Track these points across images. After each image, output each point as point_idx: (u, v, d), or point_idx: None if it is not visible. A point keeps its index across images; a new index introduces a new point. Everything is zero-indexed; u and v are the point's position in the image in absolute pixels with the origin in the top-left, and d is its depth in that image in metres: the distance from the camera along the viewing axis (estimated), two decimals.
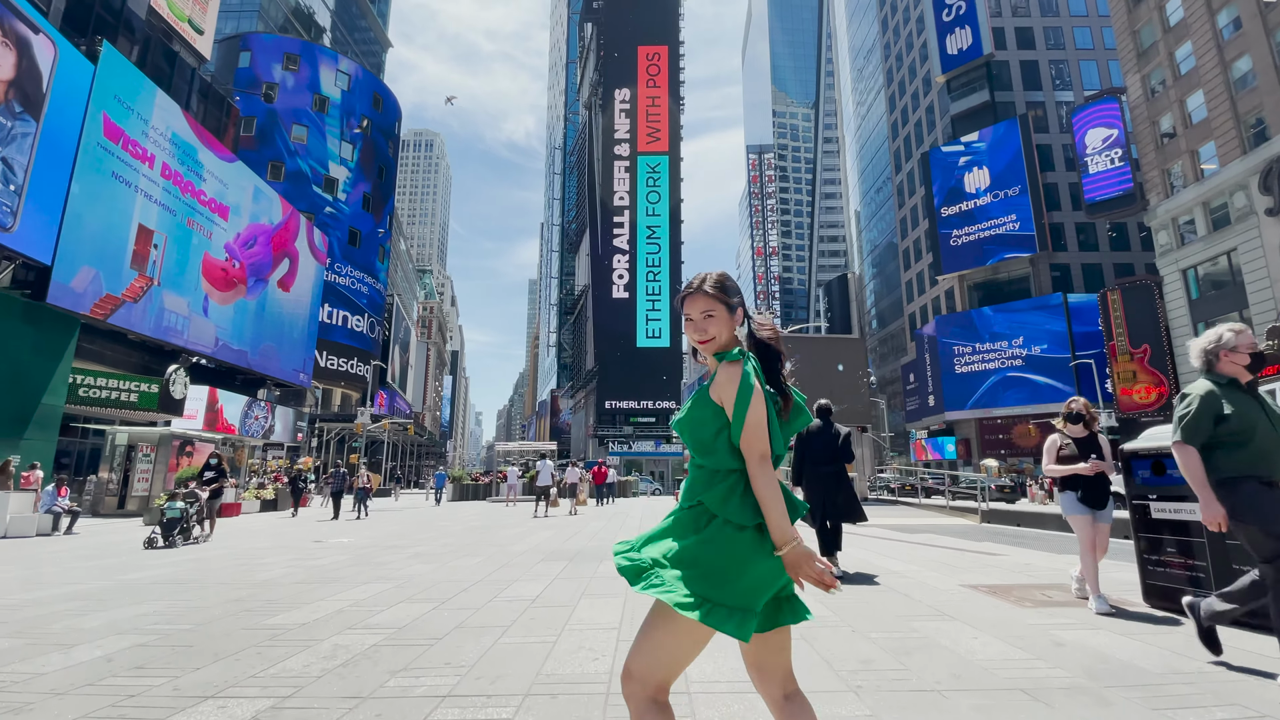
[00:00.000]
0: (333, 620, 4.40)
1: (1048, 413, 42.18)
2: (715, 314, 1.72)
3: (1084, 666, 3.10)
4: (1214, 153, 31.18)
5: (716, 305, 1.72)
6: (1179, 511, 4.14)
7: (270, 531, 12.47)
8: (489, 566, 7.09)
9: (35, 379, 19.95)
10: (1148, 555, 4.38)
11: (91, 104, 21.84)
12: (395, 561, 7.63)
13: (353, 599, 5.21)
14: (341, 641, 3.80)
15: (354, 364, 51.20)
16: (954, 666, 3.13)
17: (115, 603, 5.23)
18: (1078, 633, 3.73)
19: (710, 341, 1.72)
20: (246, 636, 3.98)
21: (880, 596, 5.02)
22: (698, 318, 1.73)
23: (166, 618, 4.61)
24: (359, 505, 17.58)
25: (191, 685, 3.06)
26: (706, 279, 1.75)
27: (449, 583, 5.97)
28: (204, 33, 35.10)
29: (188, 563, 7.85)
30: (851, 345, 20.41)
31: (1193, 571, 4.06)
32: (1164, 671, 3.01)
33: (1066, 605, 4.52)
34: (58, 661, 3.50)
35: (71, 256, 20.96)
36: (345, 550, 8.99)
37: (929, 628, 3.91)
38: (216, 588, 5.88)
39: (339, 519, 16.34)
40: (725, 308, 1.73)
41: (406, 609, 4.76)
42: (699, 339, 1.73)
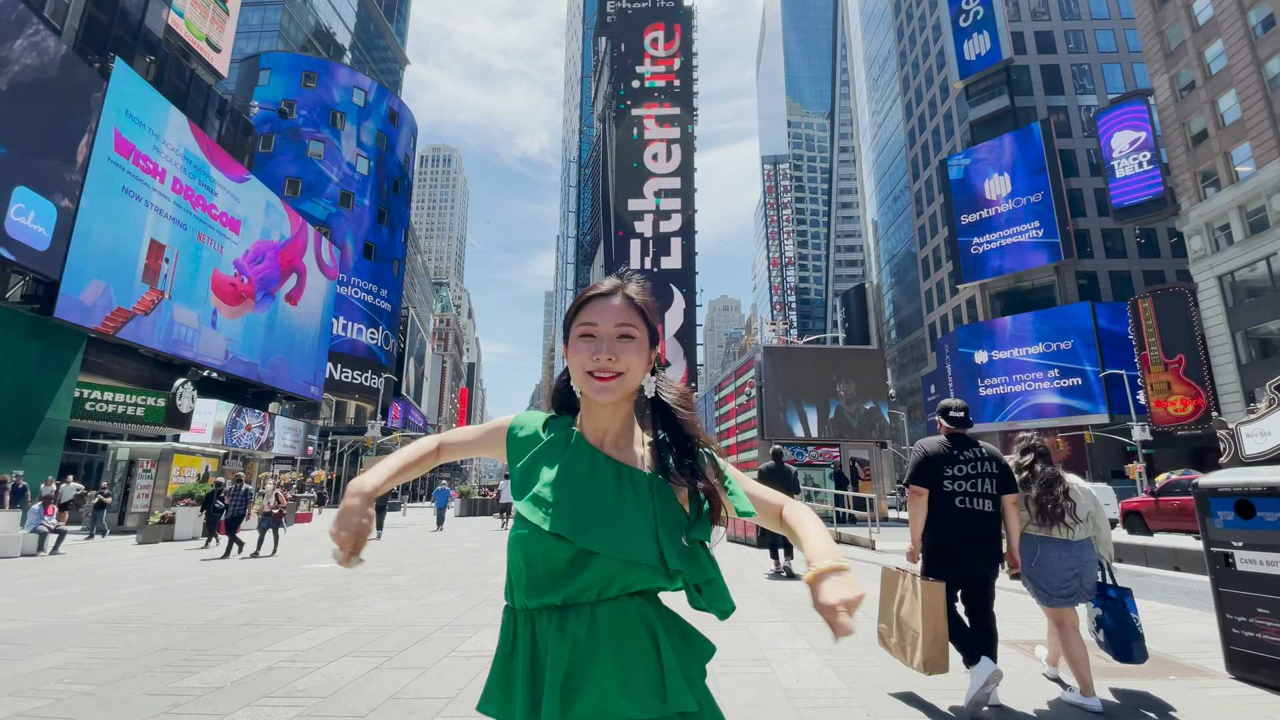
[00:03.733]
0: (255, 682, 3.77)
1: (1076, 425, 40.71)
2: (635, 337, 1.11)
3: None
4: (1249, 154, 29.89)
5: (640, 325, 1.12)
6: (1275, 564, 3.36)
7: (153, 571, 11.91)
8: (463, 605, 6.42)
9: (39, 394, 19.85)
10: (1234, 617, 3.58)
11: (102, 120, 21.93)
12: (364, 596, 7.00)
13: (294, 649, 4.57)
14: (245, 717, 3.16)
15: (367, 376, 51.21)
16: None
17: (39, 648, 4.67)
18: (1145, 715, 2.96)
19: (619, 378, 1.09)
20: (144, 705, 3.36)
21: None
22: (608, 332, 1.09)
23: (75, 674, 4.01)
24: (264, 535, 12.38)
25: None
26: (633, 280, 1.16)
27: (410, 628, 5.31)
28: (221, 51, 35.53)
29: (148, 593, 7.30)
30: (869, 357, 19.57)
31: None
32: None
33: (1129, 674, 3.73)
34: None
35: (80, 270, 20.94)
36: (320, 579, 8.39)
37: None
38: (155, 630, 5.29)
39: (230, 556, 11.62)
40: (648, 334, 1.13)
41: (346, 666, 4.11)
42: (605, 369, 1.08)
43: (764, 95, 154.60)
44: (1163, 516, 14.37)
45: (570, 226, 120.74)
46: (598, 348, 1.08)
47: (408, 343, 62.86)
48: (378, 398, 50.74)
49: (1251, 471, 3.55)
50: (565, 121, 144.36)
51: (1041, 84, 50.14)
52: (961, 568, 3.34)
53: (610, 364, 1.07)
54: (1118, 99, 41.41)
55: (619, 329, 1.09)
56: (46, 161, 19.72)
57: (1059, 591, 3.42)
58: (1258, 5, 29.55)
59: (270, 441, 32.53)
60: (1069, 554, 3.42)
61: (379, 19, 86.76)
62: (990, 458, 3.45)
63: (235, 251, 29.91)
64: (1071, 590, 3.40)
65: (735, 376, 17.90)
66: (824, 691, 3.50)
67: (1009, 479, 3.45)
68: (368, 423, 42.81)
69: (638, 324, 1.11)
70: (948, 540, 3.36)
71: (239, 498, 12.45)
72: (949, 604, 3.26)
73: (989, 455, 3.46)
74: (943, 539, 3.38)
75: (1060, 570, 3.41)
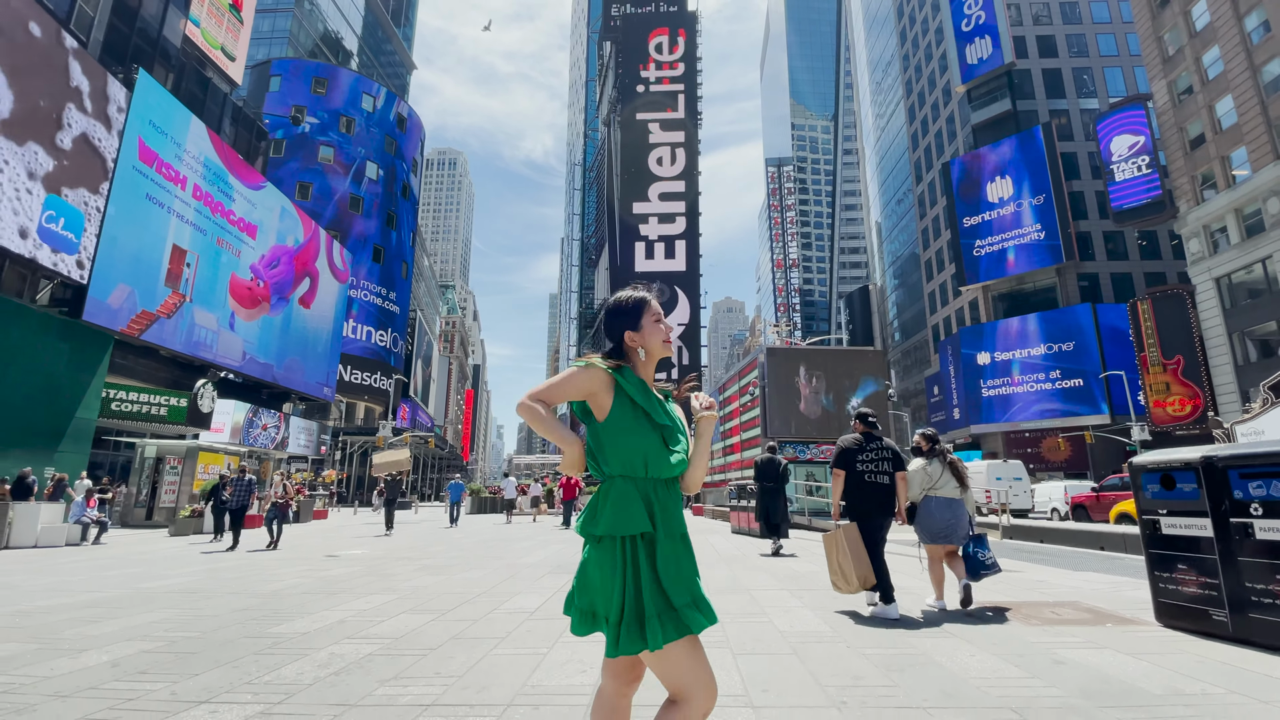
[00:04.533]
0: (333, 630, 4.47)
1: (1077, 426, 41.16)
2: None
3: (1080, 686, 3.00)
4: (1245, 158, 30.37)
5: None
6: (1191, 526, 4.01)
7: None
8: (494, 578, 7.12)
9: (70, 394, 20.65)
10: (1159, 573, 4.23)
11: (127, 129, 22.75)
12: (404, 573, 7.71)
13: (356, 609, 5.27)
14: (337, 651, 3.86)
15: (376, 378, 52.02)
16: (945, 684, 3.06)
17: (130, 610, 5.37)
18: (1081, 652, 3.62)
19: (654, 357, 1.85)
20: (248, 644, 4.06)
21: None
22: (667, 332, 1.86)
23: (175, 625, 4.72)
24: (272, 528, 11.99)
25: (188, 690, 3.13)
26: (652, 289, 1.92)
27: (452, 594, 6.01)
28: (236, 59, 36.36)
29: (202, 573, 8.02)
30: (871, 357, 20.15)
31: (1207, 591, 3.92)
32: (1165, 693, 2.91)
33: (1075, 624, 4.39)
34: (65, 666, 3.61)
35: (107, 275, 21.75)
36: (357, 562, 9.10)
37: (927, 644, 3.83)
38: (226, 597, 6.00)
39: (239, 547, 11.71)
40: None
41: (406, 620, 4.80)
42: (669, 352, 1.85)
43: (768, 97, 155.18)
44: (1102, 508, 16.59)
45: (575, 229, 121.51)
46: (668, 332, 1.85)
47: (415, 345, 63.68)
48: (387, 399, 51.54)
49: (1172, 451, 4.20)
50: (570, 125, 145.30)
51: (1043, 88, 50.63)
52: (868, 519, 4.96)
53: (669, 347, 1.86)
54: (1117, 103, 41.91)
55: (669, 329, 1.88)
56: (75, 170, 20.53)
57: (938, 535, 5.11)
58: (1254, 11, 30.05)
59: (285, 441, 33.31)
60: (949, 509, 5.12)
61: (386, 24, 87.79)
62: (888, 448, 5.10)
63: (252, 256, 30.73)
64: (948, 534, 5.07)
65: (739, 377, 18.50)
66: (812, 633, 4.17)
67: (900, 462, 5.07)
68: (379, 423, 43.58)
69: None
70: (859, 502, 5.01)
71: (242, 488, 12.10)
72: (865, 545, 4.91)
73: (887, 447, 5.10)
74: (856, 502, 5.02)
75: (941, 520, 5.09)
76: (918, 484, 5.29)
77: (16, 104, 18.35)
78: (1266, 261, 29.28)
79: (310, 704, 2.90)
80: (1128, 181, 39.16)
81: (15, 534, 12.33)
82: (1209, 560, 3.89)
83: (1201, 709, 2.71)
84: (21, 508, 12.54)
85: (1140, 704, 2.77)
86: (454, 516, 19.24)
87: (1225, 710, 2.69)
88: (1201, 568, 3.95)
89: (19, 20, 18.61)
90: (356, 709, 2.82)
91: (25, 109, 18.64)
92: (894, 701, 2.81)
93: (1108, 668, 3.30)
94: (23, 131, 18.59)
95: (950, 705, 2.76)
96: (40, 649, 4.02)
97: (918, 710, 2.70)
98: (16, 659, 3.77)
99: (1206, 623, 3.90)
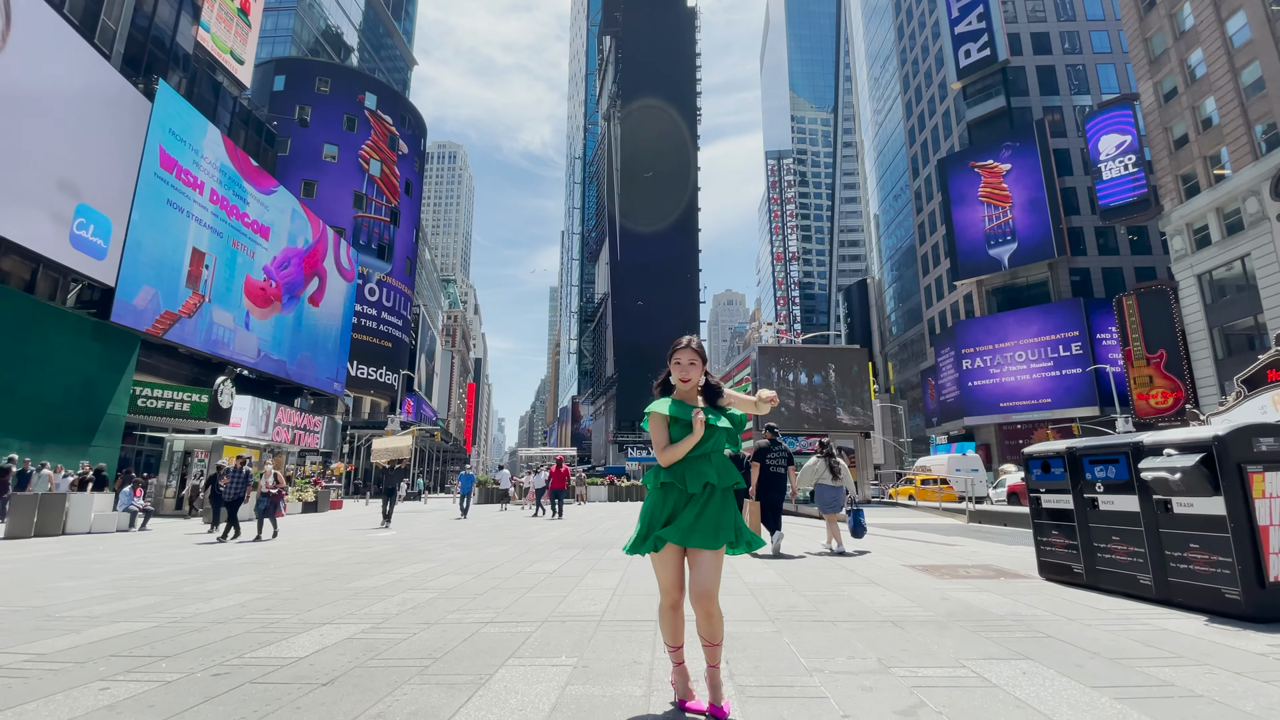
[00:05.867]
0: (396, 585, 5.68)
1: (1066, 417, 42.40)
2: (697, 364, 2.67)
3: (948, 611, 4.21)
4: (1227, 158, 31.38)
5: (699, 359, 2.67)
6: (1060, 501, 5.20)
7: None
8: (515, 551, 8.36)
9: (102, 392, 21.89)
10: (1040, 538, 5.44)
11: (149, 138, 23.86)
12: (435, 549, 8.94)
13: (408, 573, 6.49)
14: (408, 597, 5.07)
15: (383, 372, 53.27)
16: (853, 610, 4.27)
17: (222, 575, 6.59)
18: (965, 594, 4.83)
19: (690, 381, 2.64)
20: (335, 592, 5.27)
21: (828, 570, 6.15)
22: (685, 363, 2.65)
23: (267, 584, 5.93)
24: (262, 520, 11.67)
25: (310, 618, 4.34)
26: (693, 340, 2.72)
27: (482, 562, 7.24)
28: (244, 62, 37.34)
29: (259, 549, 9.25)
30: (856, 355, 21.32)
31: (1070, 550, 5.11)
32: (1004, 615, 4.11)
33: (976, 578, 5.59)
34: (205, 607, 4.82)
35: (133, 278, 22.94)
36: (390, 541, 10.33)
37: (853, 590, 5.05)
38: (293, 566, 7.22)
39: (228, 540, 11.10)
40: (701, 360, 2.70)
41: (452, 579, 6.02)
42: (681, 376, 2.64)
43: (768, 89, 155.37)
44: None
45: (575, 223, 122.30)
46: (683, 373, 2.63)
47: (419, 339, 64.88)
48: (392, 393, 52.80)
49: (1049, 443, 5.38)
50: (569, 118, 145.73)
51: (1037, 84, 51.46)
52: (769, 498, 7.83)
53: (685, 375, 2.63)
54: (1106, 103, 42.84)
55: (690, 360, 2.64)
56: (103, 179, 21.67)
57: (827, 507, 8.30)
58: (1235, 14, 30.95)
59: (299, 435, 34.58)
60: (832, 492, 8.35)
61: (386, 19, 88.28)
62: (784, 451, 8.03)
63: (265, 257, 31.89)
64: (833, 507, 8.28)
65: (733, 374, 19.69)
66: (769, 584, 5.39)
67: (791, 460, 8.04)
68: (387, 417, 44.85)
69: (699, 359, 2.64)
70: (765, 487, 7.83)
71: (239, 479, 11.92)
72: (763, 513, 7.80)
73: (784, 450, 8.02)
74: (764, 484, 7.82)
75: (828, 498, 8.33)
76: (812, 475, 8.35)
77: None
78: (1245, 259, 30.36)
79: (404, 625, 4.11)
80: (1114, 180, 40.17)
81: (71, 521, 13.58)
82: (1071, 526, 5.09)
83: (1025, 623, 3.91)
84: (77, 498, 13.78)
85: (981, 620, 3.97)
86: (464, 508, 18.63)
87: (1040, 624, 3.88)
88: (1067, 533, 5.14)
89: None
90: (438, 625, 4.03)
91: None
92: (811, 618, 4.02)
93: (976, 601, 4.51)
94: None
95: (849, 619, 3.97)
96: (174, 599, 5.23)
97: (827, 623, 3.90)
98: (162, 605, 4.98)
99: (1070, 575, 5.10)
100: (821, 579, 5.60)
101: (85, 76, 21.17)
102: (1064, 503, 5.14)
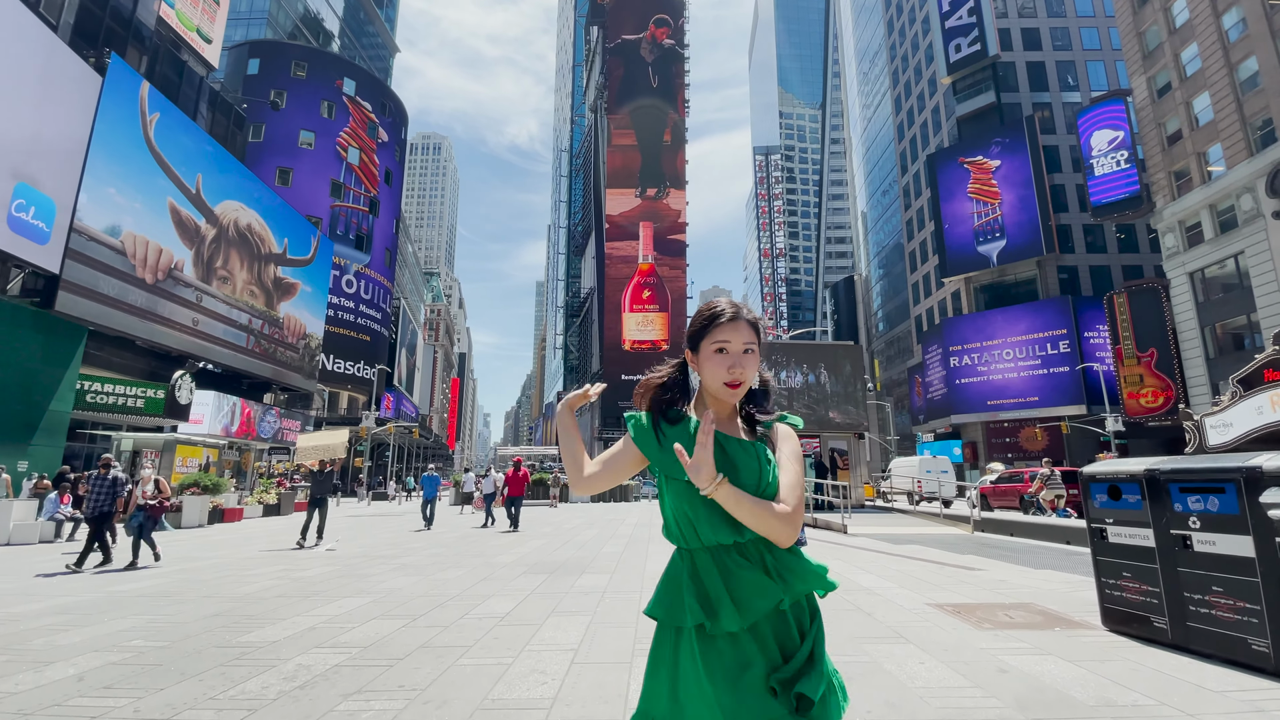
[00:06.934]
0: (303, 638, 4.52)
1: (1053, 416, 41.98)
2: (754, 351, 1.42)
3: (1017, 696, 3.15)
4: (1220, 155, 30.88)
5: (757, 341, 1.43)
6: (1135, 537, 4.17)
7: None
8: (471, 579, 7.20)
9: (43, 386, 20.28)
10: (1105, 579, 4.41)
11: (99, 115, 22.21)
12: (379, 573, 7.75)
13: (329, 615, 5.32)
14: (305, 661, 3.91)
15: (360, 367, 51.62)
16: (891, 694, 3.19)
17: (99, 618, 5.37)
18: (1024, 659, 3.78)
19: (743, 385, 1.40)
20: (215, 655, 4.10)
21: (840, 614, 5.08)
22: (737, 349, 1.39)
23: (145, 634, 4.74)
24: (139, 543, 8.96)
25: (151, 707, 3.17)
26: (747, 308, 1.46)
27: (426, 597, 6.08)
28: (212, 41, 35.54)
29: (175, 574, 8.01)
30: (850, 352, 20.39)
31: (1149, 598, 4.09)
32: (1096, 704, 3.06)
33: (1025, 627, 4.56)
34: (29, 681, 3.63)
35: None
36: (331, 562, 9.12)
37: (879, 651, 3.97)
38: (196, 602, 6.01)
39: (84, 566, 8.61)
40: (759, 347, 1.44)
41: (378, 626, 4.86)
42: (735, 378, 1.38)
43: (756, 85, 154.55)
44: (996, 497, 20.91)
45: (562, 216, 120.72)
46: (733, 362, 1.37)
47: (399, 333, 63.18)
48: (370, 388, 51.19)
49: (1119, 462, 4.36)
50: (556, 110, 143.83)
51: (1027, 80, 50.99)
52: None
53: (740, 375, 1.38)
54: (1098, 98, 42.35)
55: (745, 344, 1.38)
56: (45, 158, 20.05)
57: None
58: (1232, 8, 30.41)
59: (281, 432, 33.15)
60: None
61: (368, 5, 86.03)
62: None
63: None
64: None
65: None
66: None
67: None
68: (362, 413, 43.32)
69: (755, 342, 1.40)
70: None
71: (104, 488, 8.82)
72: None
73: None
74: None
75: None
76: None
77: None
78: (1239, 257, 29.89)
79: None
80: (1106, 176, 39.69)
81: None
82: (1152, 569, 4.05)
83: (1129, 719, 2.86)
84: None
85: (1071, 714, 2.91)
86: (429, 516, 15.19)
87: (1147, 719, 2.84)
88: (1145, 576, 4.11)
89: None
90: None
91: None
92: None
93: (1045, 676, 3.45)
94: None
95: (892, 718, 2.89)
96: (6, 662, 4.02)
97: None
98: None
99: (1147, 629, 4.07)
100: (836, 632, 4.53)
101: (24, 45, 19.51)
102: (1141, 539, 4.11)
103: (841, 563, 8.18)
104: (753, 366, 1.40)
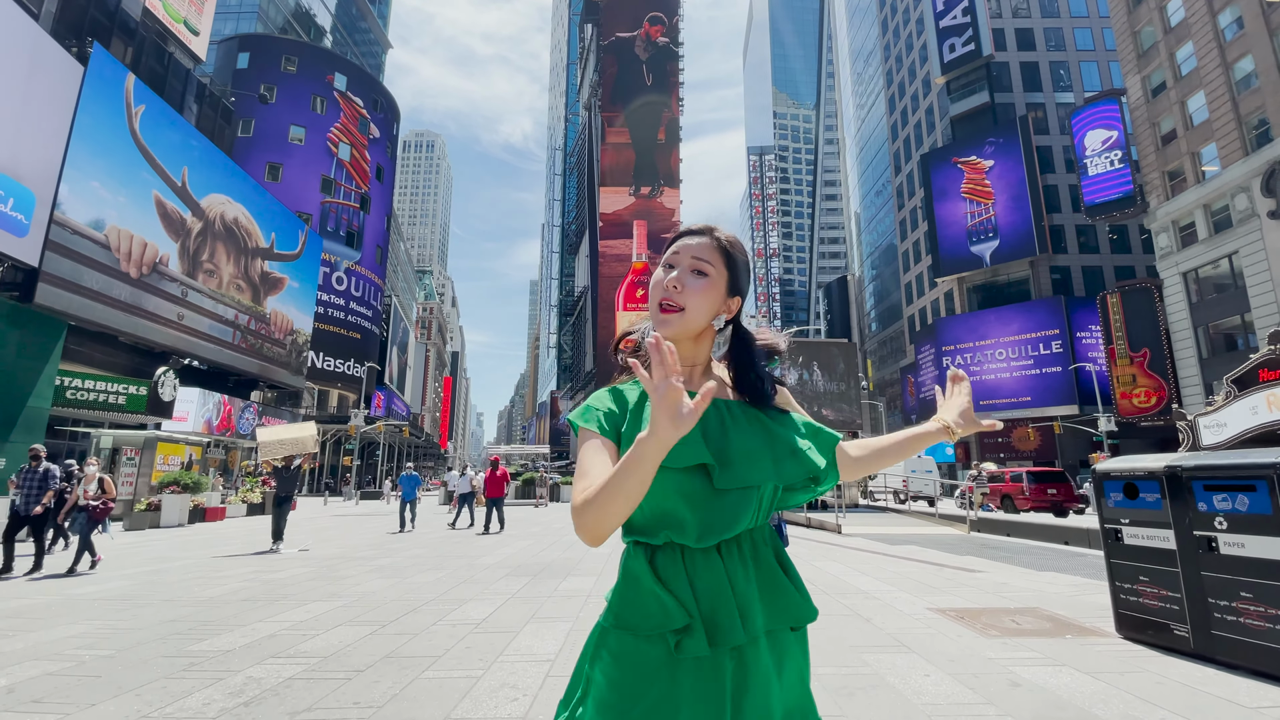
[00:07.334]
0: (261, 646, 4.18)
1: (1046, 416, 41.94)
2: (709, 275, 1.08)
3: (1034, 713, 2.86)
4: (1215, 154, 30.86)
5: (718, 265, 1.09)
6: (1154, 538, 3.90)
7: None
8: (449, 582, 6.87)
9: (21, 382, 19.77)
10: (1120, 583, 4.13)
11: (80, 105, 21.72)
12: (355, 575, 7.41)
13: (293, 620, 4.99)
14: (256, 674, 3.58)
15: (350, 365, 51.08)
16: (896, 711, 2.90)
17: (51, 623, 5.02)
18: (1037, 670, 3.49)
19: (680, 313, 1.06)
20: (161, 666, 3.76)
21: (837, 620, 4.79)
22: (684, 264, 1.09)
23: (93, 641, 4.40)
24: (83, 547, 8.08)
25: None
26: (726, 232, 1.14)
27: (400, 601, 5.75)
28: (200, 34, 34.99)
29: (143, 575, 7.64)
30: (844, 349, 20.17)
31: (1170, 604, 3.81)
32: None
33: (1034, 634, 4.28)
34: None
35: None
36: (306, 563, 8.77)
37: (881, 662, 3.68)
38: (156, 606, 5.66)
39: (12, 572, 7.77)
40: (727, 277, 1.11)
41: (343, 633, 4.54)
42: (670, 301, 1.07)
43: (750, 85, 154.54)
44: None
45: (556, 215, 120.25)
46: (675, 281, 1.07)
47: (391, 331, 62.61)
48: (360, 386, 50.66)
49: (1135, 458, 4.09)
50: (550, 108, 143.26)
51: (1021, 81, 50.99)
52: None
53: (675, 295, 1.06)
54: (1092, 98, 42.34)
55: (694, 263, 1.07)
56: (24, 148, 19.55)
57: None
58: (1228, 7, 30.38)
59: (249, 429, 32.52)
60: None
61: (361, 1, 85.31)
62: None
63: None
64: None
65: None
66: None
67: None
68: (351, 411, 42.85)
69: (716, 263, 1.08)
70: None
71: (35, 483, 7.89)
72: None
73: None
74: None
75: None
76: None
77: None
78: (1233, 257, 29.87)
79: None
80: (1100, 176, 39.67)
81: None
82: (1173, 574, 3.78)
83: None
84: None
85: None
86: (409, 518, 14.29)
87: None
88: (1165, 581, 3.84)
89: None
90: None
91: None
92: None
93: (1062, 691, 3.17)
94: None
95: None
96: None
97: None
98: None
99: (1168, 637, 3.80)
100: (832, 641, 4.24)
101: (2, 32, 19.00)
102: (1160, 540, 3.83)
103: (839, 565, 7.90)
104: (704, 294, 1.06)
